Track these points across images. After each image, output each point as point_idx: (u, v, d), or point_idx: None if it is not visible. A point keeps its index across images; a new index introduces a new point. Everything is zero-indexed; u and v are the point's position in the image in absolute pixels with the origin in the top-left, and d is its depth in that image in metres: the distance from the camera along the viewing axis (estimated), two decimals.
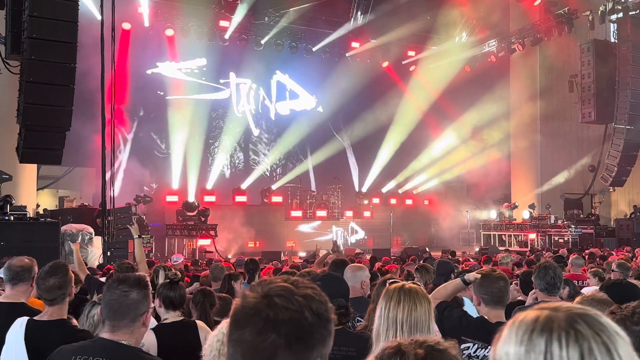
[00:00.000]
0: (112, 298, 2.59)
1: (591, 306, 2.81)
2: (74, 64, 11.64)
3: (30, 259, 4.03)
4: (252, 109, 23.94)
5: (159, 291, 3.87)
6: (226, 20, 21.60)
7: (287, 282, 1.30)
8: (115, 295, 2.59)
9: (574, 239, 20.35)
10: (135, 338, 2.62)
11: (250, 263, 7.23)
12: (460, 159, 25.40)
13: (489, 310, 3.31)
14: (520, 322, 1.11)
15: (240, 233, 20.15)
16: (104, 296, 2.66)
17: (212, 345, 2.48)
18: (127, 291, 2.59)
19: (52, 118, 11.59)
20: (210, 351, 2.47)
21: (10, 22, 11.78)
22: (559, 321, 1.06)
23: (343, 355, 3.13)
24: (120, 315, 2.57)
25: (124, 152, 20.43)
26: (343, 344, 3.15)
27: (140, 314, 2.61)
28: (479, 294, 3.39)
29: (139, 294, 2.61)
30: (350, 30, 23.59)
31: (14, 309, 3.79)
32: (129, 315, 2.58)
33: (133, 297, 2.59)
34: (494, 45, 24.57)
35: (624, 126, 20.59)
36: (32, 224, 11.87)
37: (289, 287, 1.28)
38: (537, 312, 1.11)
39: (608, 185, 21.99)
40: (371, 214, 23.71)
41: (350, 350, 3.16)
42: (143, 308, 2.63)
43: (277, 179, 24.23)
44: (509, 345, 1.08)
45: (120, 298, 2.58)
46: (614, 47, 21.67)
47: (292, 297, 1.25)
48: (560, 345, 1.03)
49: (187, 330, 3.82)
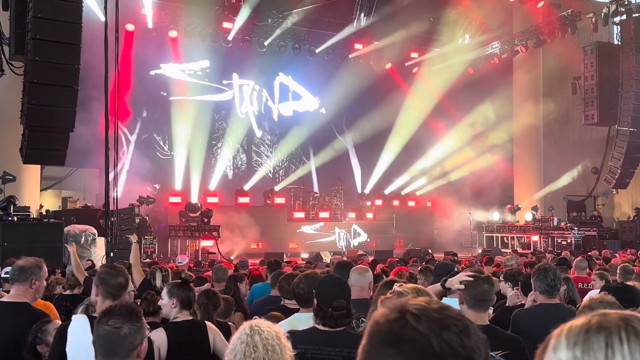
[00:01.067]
0: (103, 334, 2.43)
1: (599, 308, 2.84)
2: (77, 65, 11.69)
3: (37, 260, 4.05)
4: (255, 110, 23.95)
5: (173, 291, 3.90)
6: (229, 21, 21.64)
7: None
8: (106, 331, 2.43)
9: (577, 241, 20.31)
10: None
11: (275, 264, 7.33)
12: (463, 160, 25.38)
13: (471, 312, 3.27)
14: (569, 328, 1.08)
15: (242, 234, 20.17)
16: (95, 329, 2.49)
17: (236, 348, 2.47)
18: (118, 327, 2.42)
19: (56, 119, 11.64)
20: (235, 355, 2.46)
21: (14, 23, 11.84)
22: (615, 321, 1.05)
23: (344, 356, 3.13)
24: (112, 352, 2.43)
25: (127, 153, 20.47)
26: (345, 345, 3.15)
27: (134, 348, 2.45)
28: (462, 294, 3.37)
29: (132, 328, 2.44)
30: (353, 31, 23.59)
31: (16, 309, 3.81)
32: (121, 351, 2.43)
33: (124, 332, 2.42)
34: (497, 47, 24.55)
35: (627, 128, 20.54)
36: (36, 225, 11.93)
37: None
38: (585, 318, 1.08)
39: (611, 187, 21.95)
40: (374, 215, 23.69)
41: (352, 352, 3.14)
42: (137, 341, 2.46)
43: (279, 180, 24.24)
44: (560, 352, 1.05)
45: (111, 335, 2.42)
46: (617, 49, 21.65)
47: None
48: (620, 340, 1.01)
49: (197, 330, 3.88)
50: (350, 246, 21.70)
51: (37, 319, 3.70)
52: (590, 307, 2.88)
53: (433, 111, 25.02)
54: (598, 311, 1.11)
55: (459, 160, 25.44)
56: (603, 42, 22.03)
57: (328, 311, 3.20)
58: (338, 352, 3.13)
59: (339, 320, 3.20)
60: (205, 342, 3.82)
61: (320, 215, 22.50)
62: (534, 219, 22.35)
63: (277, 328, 2.60)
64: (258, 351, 2.44)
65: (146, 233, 17.48)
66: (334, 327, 3.19)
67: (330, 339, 3.17)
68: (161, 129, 21.77)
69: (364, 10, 22.81)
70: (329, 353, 3.14)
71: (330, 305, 3.20)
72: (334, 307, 3.20)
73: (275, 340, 2.49)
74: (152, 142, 21.49)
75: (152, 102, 21.22)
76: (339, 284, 3.43)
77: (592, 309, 2.87)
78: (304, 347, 2.57)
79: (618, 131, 21.11)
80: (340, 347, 3.15)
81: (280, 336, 2.53)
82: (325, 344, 3.16)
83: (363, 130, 24.50)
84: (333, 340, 3.17)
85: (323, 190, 23.85)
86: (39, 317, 3.61)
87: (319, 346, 3.17)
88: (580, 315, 1.12)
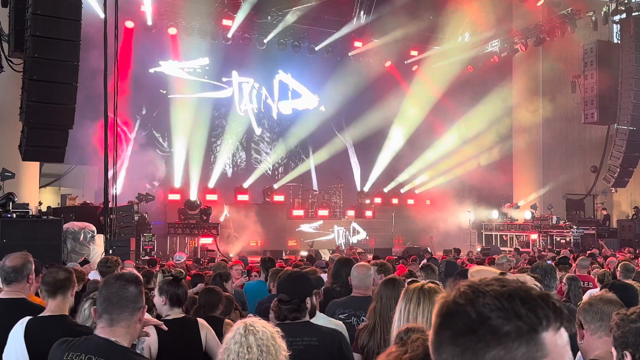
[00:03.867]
0: (111, 291, 2.62)
1: (600, 305, 2.86)
2: (76, 62, 11.67)
3: (24, 255, 4.01)
4: (254, 108, 23.93)
5: (163, 288, 3.89)
6: (229, 19, 21.61)
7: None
8: (114, 288, 2.62)
9: (576, 239, 20.34)
10: (130, 335, 2.64)
11: (268, 261, 7.31)
12: (462, 158, 25.37)
13: None
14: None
15: (242, 232, 20.17)
16: (101, 291, 2.67)
17: (230, 348, 2.45)
18: (125, 284, 2.63)
19: (55, 116, 11.62)
20: (228, 355, 2.44)
21: (14, 19, 11.82)
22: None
23: (306, 345, 3.33)
24: (119, 308, 2.59)
25: (127, 150, 20.44)
26: (305, 335, 3.37)
27: (138, 308, 2.64)
28: None
29: (137, 289, 2.66)
30: (353, 29, 23.56)
31: (14, 304, 3.80)
32: (128, 308, 2.61)
33: (132, 290, 2.63)
34: (496, 46, 24.54)
35: (627, 127, 20.55)
36: (35, 222, 11.89)
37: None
38: None
39: (610, 186, 21.96)
40: (373, 213, 23.69)
41: (312, 340, 3.36)
42: (140, 302, 2.66)
43: (279, 178, 24.23)
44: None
45: (120, 291, 2.61)
46: (617, 48, 21.65)
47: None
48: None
49: (188, 328, 3.84)
50: (350, 244, 21.70)
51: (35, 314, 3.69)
52: (590, 303, 2.90)
53: (432, 109, 24.99)
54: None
55: (459, 158, 25.43)
56: (603, 41, 22.02)
57: (276, 304, 3.46)
58: (299, 341, 3.30)
59: (283, 313, 3.42)
60: (197, 340, 3.80)
61: (319, 213, 22.52)
62: (533, 217, 22.37)
63: (272, 328, 2.58)
64: (252, 352, 2.42)
65: (145, 230, 17.49)
66: (282, 319, 3.40)
67: (291, 330, 3.25)
68: (160, 127, 21.74)
69: (363, 8, 22.78)
70: (291, 343, 3.14)
71: (278, 299, 3.46)
72: (278, 300, 3.46)
73: (270, 340, 2.47)
74: (151, 139, 21.46)
75: (151, 99, 21.19)
76: (291, 280, 3.61)
77: (592, 306, 2.89)
78: None
79: (617, 130, 21.11)
80: (300, 337, 3.34)
81: (275, 336, 2.52)
82: (287, 335, 3.22)
83: (362, 128, 24.47)
84: (293, 331, 3.29)
85: (322, 188, 23.85)
86: (37, 312, 3.60)
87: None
88: (581, 314, 1.13)
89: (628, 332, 2.37)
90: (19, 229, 11.16)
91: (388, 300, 3.70)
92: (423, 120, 25.07)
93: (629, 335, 2.36)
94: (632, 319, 2.39)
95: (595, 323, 2.83)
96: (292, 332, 3.22)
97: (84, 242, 13.31)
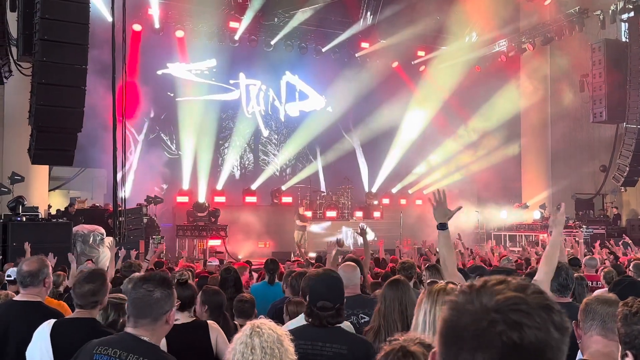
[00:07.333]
0: (137, 297, 2.72)
1: (594, 305, 2.89)
2: (85, 65, 11.72)
3: (40, 260, 4.05)
4: (261, 109, 23.97)
5: None
6: (236, 21, 21.67)
7: (510, 287, 1.08)
8: (140, 294, 2.72)
9: (585, 239, 20.22)
10: (157, 336, 2.74)
11: (271, 263, 7.24)
12: (470, 159, 25.30)
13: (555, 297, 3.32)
14: None
15: (250, 234, 20.20)
16: (130, 294, 2.80)
17: (236, 348, 2.47)
18: (151, 290, 2.71)
19: (64, 119, 11.67)
20: (234, 355, 2.46)
21: (22, 24, 11.88)
22: None
23: (335, 352, 3.21)
24: (143, 313, 2.70)
25: (135, 153, 20.52)
26: (335, 341, 3.24)
27: (164, 313, 2.73)
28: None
29: (163, 293, 2.73)
30: (360, 30, 23.57)
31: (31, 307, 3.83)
32: (151, 313, 2.70)
33: (157, 295, 2.71)
34: (504, 45, 24.46)
35: (636, 126, 20.41)
36: (44, 225, 11.98)
37: (521, 296, 1.05)
38: None
39: (620, 185, 21.82)
40: (381, 214, 23.66)
41: (342, 348, 3.23)
42: (167, 306, 2.74)
43: (286, 179, 24.24)
44: None
45: (144, 297, 2.70)
46: (625, 47, 21.50)
47: (532, 311, 1.03)
48: None
49: (198, 331, 3.84)
50: (358, 244, 21.66)
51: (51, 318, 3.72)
52: (586, 303, 2.94)
53: (440, 109, 24.96)
54: None
55: (467, 158, 25.36)
56: (611, 40, 21.88)
57: (314, 309, 3.30)
58: (328, 348, 3.21)
59: (325, 319, 3.28)
60: (207, 344, 3.79)
61: (327, 215, 22.50)
62: (542, 217, 22.26)
63: (281, 330, 2.57)
64: (255, 354, 2.42)
65: (154, 232, 17.54)
66: (320, 325, 3.27)
67: (321, 335, 3.23)
68: (168, 129, 21.82)
69: (370, 8, 22.78)
70: (321, 348, 3.18)
71: (315, 305, 3.30)
72: (319, 307, 3.29)
73: (275, 343, 2.46)
74: (159, 142, 21.54)
75: (159, 101, 21.26)
76: (329, 284, 3.43)
77: (587, 305, 2.93)
78: (296, 341, 2.62)
79: (626, 129, 20.97)
80: (330, 343, 3.22)
81: (282, 339, 2.50)
82: (317, 339, 3.23)
83: (370, 129, 24.44)
84: (324, 336, 3.24)
85: (330, 189, 23.84)
86: (53, 316, 3.62)
87: (311, 341, 3.22)
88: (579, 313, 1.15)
89: (631, 333, 2.42)
90: (28, 232, 11.24)
91: (392, 301, 3.73)
92: (430, 120, 25.03)
93: (633, 337, 2.41)
94: (635, 320, 2.42)
95: (588, 322, 2.88)
96: (323, 337, 3.21)
97: (94, 245, 13.38)
